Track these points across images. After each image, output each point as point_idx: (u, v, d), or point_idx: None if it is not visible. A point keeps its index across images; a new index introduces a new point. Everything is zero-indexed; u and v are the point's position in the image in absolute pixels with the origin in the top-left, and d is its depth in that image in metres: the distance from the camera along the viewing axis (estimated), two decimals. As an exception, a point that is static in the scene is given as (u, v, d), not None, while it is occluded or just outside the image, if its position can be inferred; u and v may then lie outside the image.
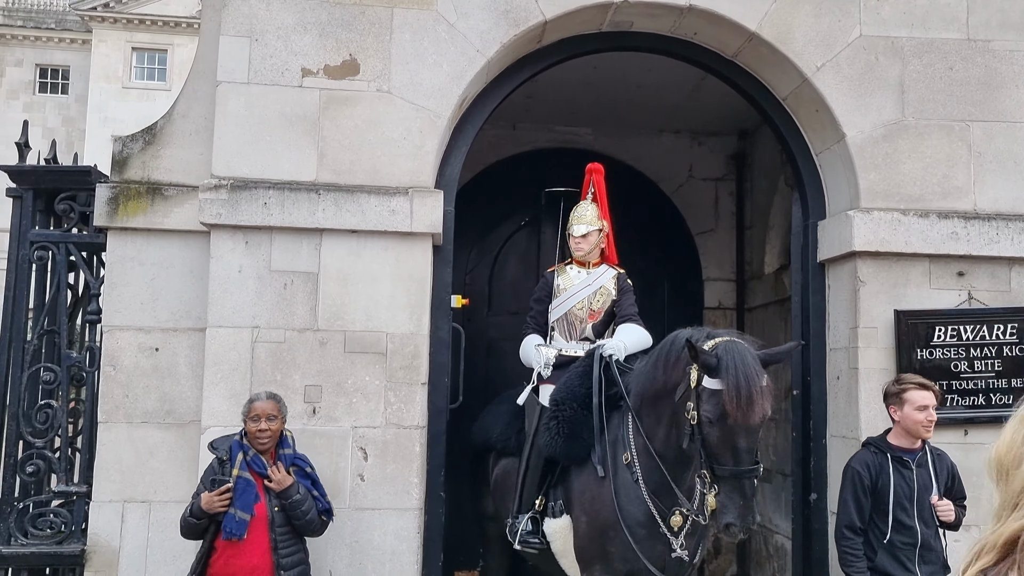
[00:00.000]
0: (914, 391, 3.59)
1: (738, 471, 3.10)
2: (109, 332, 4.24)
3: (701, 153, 7.52)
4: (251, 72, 4.16)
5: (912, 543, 3.53)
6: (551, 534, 3.89)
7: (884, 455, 3.61)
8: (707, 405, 3.13)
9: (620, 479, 3.67)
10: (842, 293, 4.53)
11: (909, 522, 3.53)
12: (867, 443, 3.74)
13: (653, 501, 3.57)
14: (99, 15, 25.77)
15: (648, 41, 4.77)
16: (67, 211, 4.35)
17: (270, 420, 3.54)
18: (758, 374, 3.13)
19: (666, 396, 3.44)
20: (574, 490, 3.85)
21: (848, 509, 3.55)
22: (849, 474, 3.61)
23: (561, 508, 3.90)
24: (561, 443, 3.81)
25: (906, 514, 3.53)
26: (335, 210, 4.12)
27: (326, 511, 3.63)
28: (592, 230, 4.47)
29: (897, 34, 4.53)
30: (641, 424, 3.63)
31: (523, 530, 3.96)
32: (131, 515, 4.18)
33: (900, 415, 3.61)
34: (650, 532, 3.58)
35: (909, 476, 3.57)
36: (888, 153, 4.47)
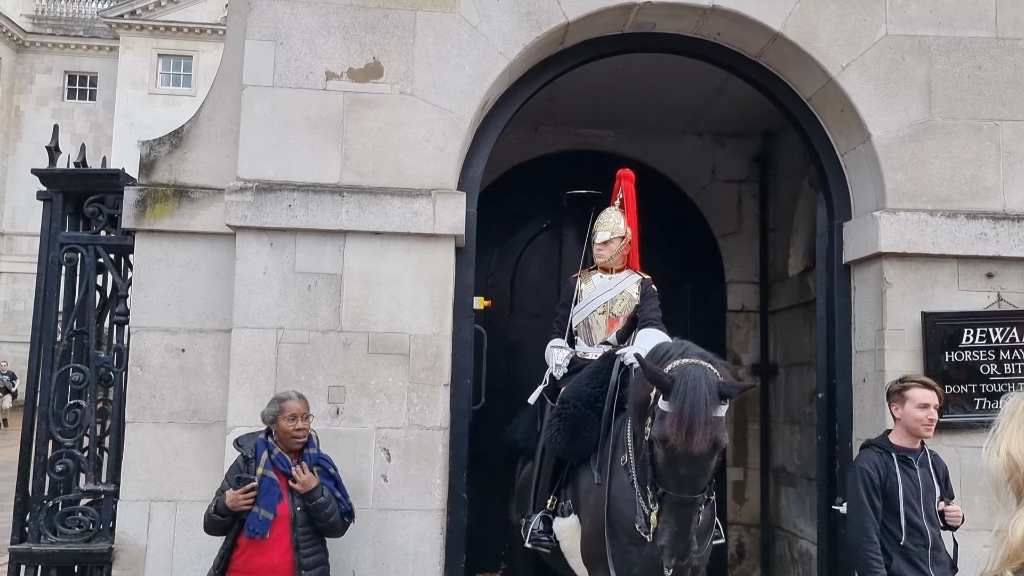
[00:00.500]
0: (916, 389, 3.55)
1: (677, 498, 3.06)
2: (136, 333, 4.29)
3: (724, 155, 7.48)
4: (276, 75, 4.20)
5: (924, 544, 3.48)
6: (560, 533, 3.90)
7: (889, 455, 3.55)
8: (658, 426, 3.08)
9: (617, 481, 3.64)
10: (868, 295, 4.48)
11: (919, 523, 3.48)
12: (869, 444, 3.68)
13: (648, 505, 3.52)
14: (126, 22, 26.14)
15: (671, 42, 4.75)
16: (96, 214, 4.41)
17: (305, 419, 3.58)
18: (708, 403, 3.04)
19: (643, 406, 3.41)
20: (580, 490, 3.86)
21: (864, 511, 3.47)
22: (859, 476, 3.51)
23: (570, 508, 3.91)
24: (561, 440, 3.82)
25: (915, 514, 3.48)
26: (358, 212, 4.15)
27: (348, 512, 3.65)
28: (614, 237, 4.47)
29: (924, 33, 4.48)
30: (635, 428, 3.60)
31: (535, 529, 3.97)
32: (157, 514, 4.23)
33: (901, 413, 3.56)
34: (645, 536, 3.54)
35: (915, 476, 3.53)
36: (915, 153, 4.42)
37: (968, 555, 4.14)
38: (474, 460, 4.60)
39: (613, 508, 3.59)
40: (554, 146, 7.21)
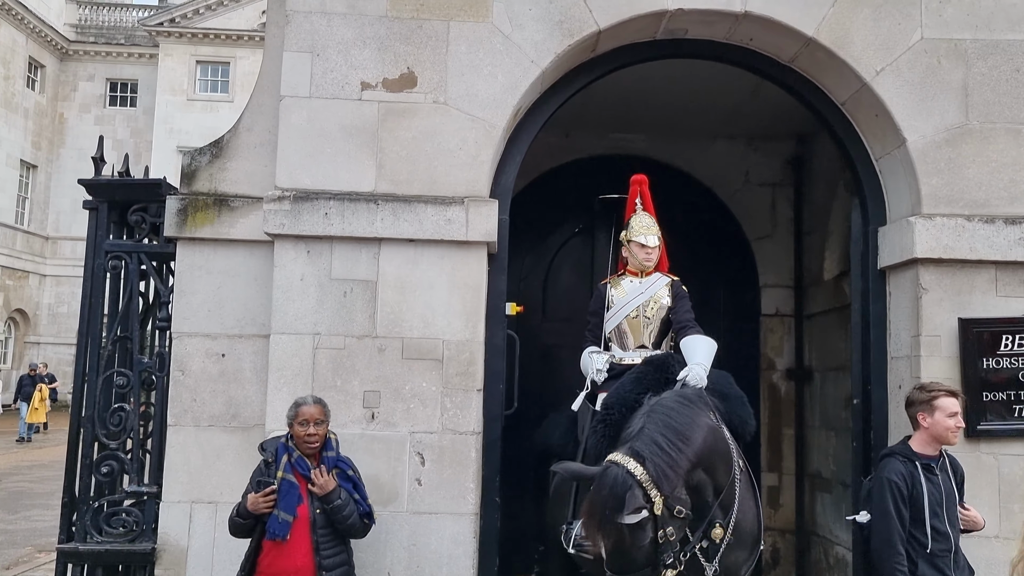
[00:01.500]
0: (944, 398, 3.57)
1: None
2: (178, 338, 4.41)
3: (757, 158, 7.43)
4: (313, 86, 4.29)
5: (948, 549, 3.50)
6: None
7: (913, 464, 3.55)
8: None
9: None
10: (904, 301, 4.45)
11: (943, 528, 3.50)
12: (892, 453, 3.68)
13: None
14: (166, 30, 26.68)
15: (703, 48, 4.75)
16: (139, 222, 4.54)
17: (317, 424, 3.64)
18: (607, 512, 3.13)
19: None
20: None
21: (892, 523, 3.47)
22: (887, 486, 3.51)
23: None
24: (606, 446, 3.82)
25: (940, 521, 3.49)
26: (393, 220, 4.22)
27: (367, 514, 3.70)
28: (659, 241, 4.50)
29: (960, 36, 4.43)
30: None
31: (577, 535, 3.98)
32: (198, 515, 4.34)
33: (930, 422, 3.57)
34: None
35: (937, 483, 3.54)
36: (951, 158, 4.37)
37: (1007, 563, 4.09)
38: (507, 464, 4.65)
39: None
40: (586, 151, 7.22)
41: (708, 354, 4.03)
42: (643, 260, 4.47)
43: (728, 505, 3.55)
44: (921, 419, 3.60)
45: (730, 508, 3.56)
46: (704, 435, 3.45)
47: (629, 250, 4.52)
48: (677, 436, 3.32)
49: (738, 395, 4.01)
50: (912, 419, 3.68)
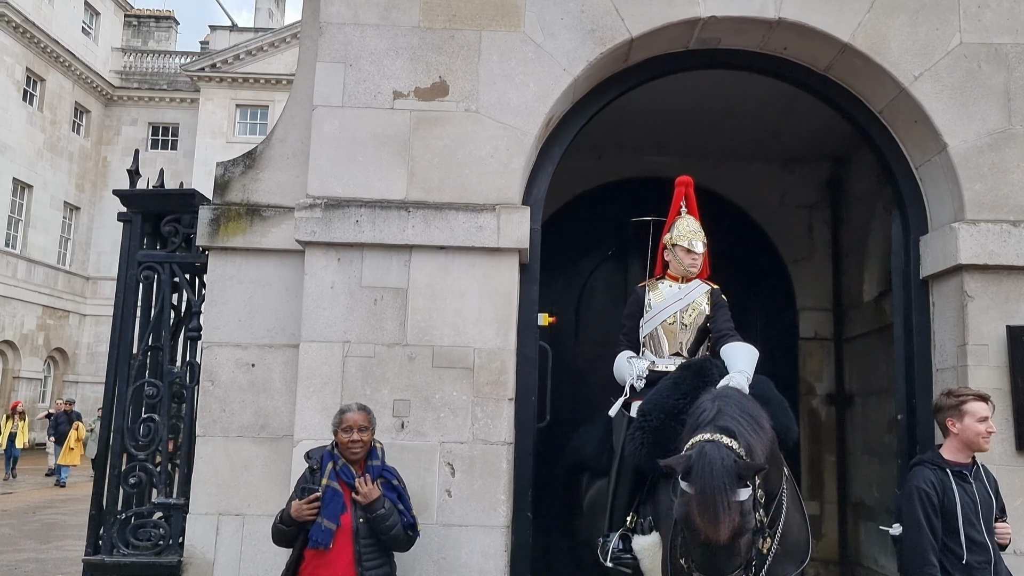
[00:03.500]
0: (974, 402, 3.43)
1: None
2: (208, 348, 4.40)
3: (793, 180, 7.36)
4: (345, 96, 4.32)
5: (987, 560, 3.32)
6: (640, 551, 3.76)
7: (944, 471, 3.40)
8: (678, 506, 2.93)
9: None
10: (948, 310, 4.30)
11: (980, 539, 3.32)
12: (922, 461, 3.52)
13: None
14: (207, 75, 27.43)
15: (736, 58, 4.72)
16: (172, 233, 4.58)
17: (361, 431, 3.57)
18: (726, 487, 2.83)
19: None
20: (662, 504, 3.71)
21: (923, 533, 3.31)
22: (916, 495, 3.36)
23: (651, 524, 3.77)
24: (645, 453, 3.70)
25: (975, 531, 3.32)
26: (424, 227, 4.20)
27: (411, 526, 3.61)
28: (705, 248, 4.39)
29: (1000, 40, 4.35)
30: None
31: (615, 548, 3.84)
32: (225, 528, 4.28)
33: (960, 427, 3.43)
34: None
35: (971, 491, 3.38)
36: (994, 163, 4.26)
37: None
38: (539, 482, 4.53)
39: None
40: (619, 173, 7.20)
41: (751, 362, 3.89)
42: (688, 266, 4.36)
43: (776, 514, 3.39)
44: (951, 425, 3.47)
45: (778, 517, 3.40)
46: (770, 426, 3.28)
47: (673, 254, 4.41)
48: (754, 421, 3.15)
49: (779, 400, 3.86)
50: (941, 426, 3.54)
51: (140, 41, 31.18)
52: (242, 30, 29.96)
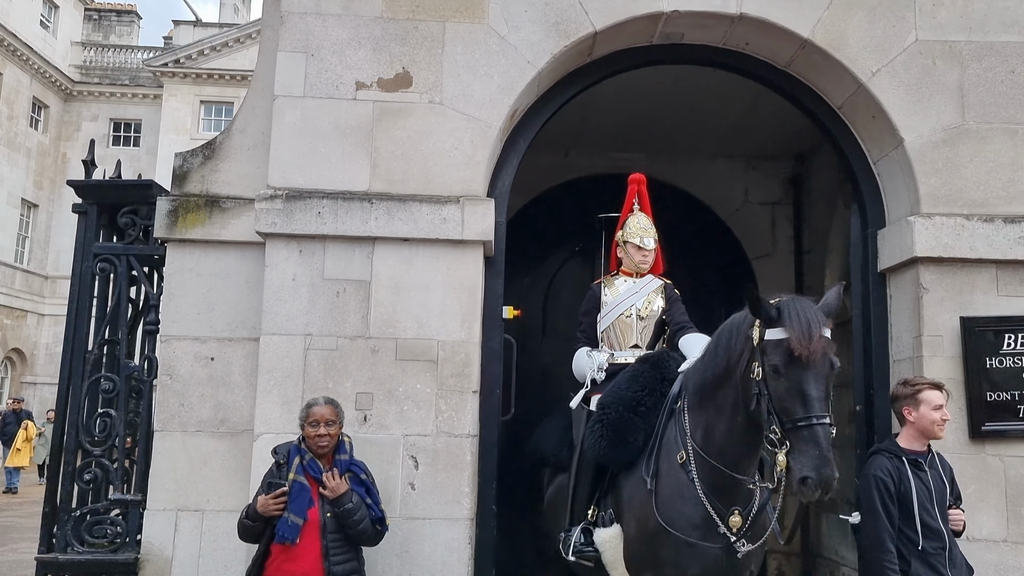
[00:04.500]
0: (929, 391, 3.50)
1: (809, 418, 2.91)
2: (166, 342, 4.33)
3: (756, 177, 7.43)
4: (307, 86, 4.28)
5: (942, 546, 3.39)
6: (601, 544, 3.77)
7: (900, 460, 3.46)
8: (772, 355, 3.01)
9: (672, 480, 3.54)
10: (904, 302, 4.38)
11: (935, 525, 3.39)
12: (879, 450, 3.58)
13: (710, 500, 3.43)
14: (170, 71, 27.01)
15: (700, 53, 4.76)
16: (129, 224, 4.50)
17: (328, 425, 3.54)
18: (822, 322, 3.05)
19: (729, 378, 3.30)
20: (623, 496, 3.73)
21: (880, 520, 3.37)
22: (873, 483, 3.42)
23: (611, 517, 3.79)
24: (605, 446, 3.71)
25: (931, 517, 3.39)
26: (387, 219, 4.17)
27: (379, 520, 3.58)
28: (656, 244, 4.44)
29: (955, 38, 4.44)
30: (699, 420, 3.50)
31: (576, 541, 3.85)
32: (184, 524, 4.21)
33: (915, 416, 3.50)
34: (704, 534, 3.44)
35: (926, 478, 3.45)
36: (949, 158, 4.35)
37: (1016, 568, 3.98)
38: (504, 475, 4.52)
39: (669, 508, 3.48)
40: (585, 170, 7.21)
41: None
42: (639, 262, 4.41)
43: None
44: (907, 413, 3.53)
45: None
46: None
47: (625, 251, 4.46)
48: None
49: None
50: (898, 414, 3.61)
51: (101, 35, 30.57)
52: (207, 25, 29.58)
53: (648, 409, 3.80)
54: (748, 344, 3.16)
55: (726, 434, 3.38)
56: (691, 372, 3.64)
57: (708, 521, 3.43)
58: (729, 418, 3.36)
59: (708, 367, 3.45)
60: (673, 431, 3.63)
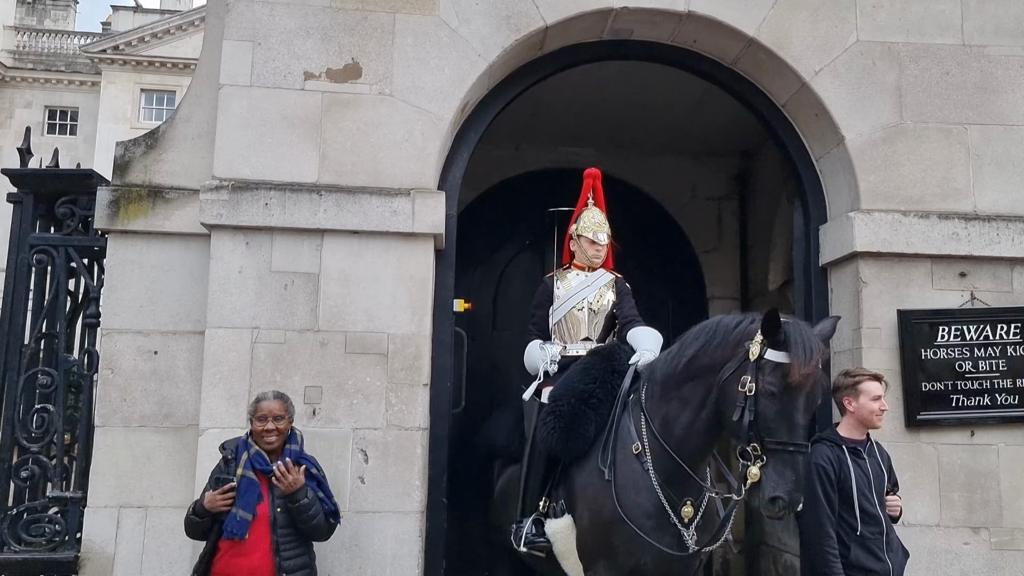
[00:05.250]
0: (868, 382, 3.62)
1: (793, 444, 3.03)
2: (108, 335, 4.22)
3: (704, 173, 7.55)
4: (254, 75, 4.21)
5: (879, 531, 3.52)
6: (552, 535, 3.80)
7: (840, 448, 3.58)
8: (770, 377, 3.09)
9: (627, 470, 3.59)
10: (845, 295, 4.51)
11: (873, 511, 3.52)
12: (820, 439, 3.69)
13: (664, 491, 3.50)
14: (108, 57, 26.22)
15: (648, 50, 4.82)
16: (68, 215, 4.37)
17: (277, 420, 3.49)
18: (820, 350, 3.15)
19: (702, 376, 3.36)
20: (576, 487, 3.76)
21: (821, 506, 3.48)
22: (815, 471, 3.51)
23: (563, 508, 3.82)
24: (557, 438, 3.74)
25: (869, 503, 3.52)
26: (337, 211, 4.13)
27: (333, 513, 3.56)
28: (608, 239, 4.48)
29: (893, 39, 4.58)
30: (659, 411, 3.55)
31: (528, 532, 3.87)
32: (127, 521, 4.12)
33: (855, 406, 3.61)
34: (658, 523, 3.50)
35: (865, 466, 3.57)
36: (887, 155, 4.48)
37: (948, 552, 4.15)
38: (455, 467, 4.53)
39: (624, 497, 3.52)
40: (536, 164, 7.24)
41: (656, 343, 4.02)
42: (592, 256, 4.45)
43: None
44: (847, 403, 3.64)
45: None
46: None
47: (579, 245, 4.49)
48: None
49: None
50: (839, 404, 3.71)
51: (35, 20, 29.48)
52: (147, 11, 28.79)
53: (599, 401, 3.84)
54: (741, 355, 3.20)
55: (687, 427, 3.45)
56: (658, 364, 3.68)
57: (661, 511, 3.49)
58: (693, 412, 3.42)
59: (680, 361, 3.49)
60: (627, 423, 3.68)
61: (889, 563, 3.53)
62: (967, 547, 4.16)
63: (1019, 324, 4.28)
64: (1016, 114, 4.54)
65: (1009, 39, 4.61)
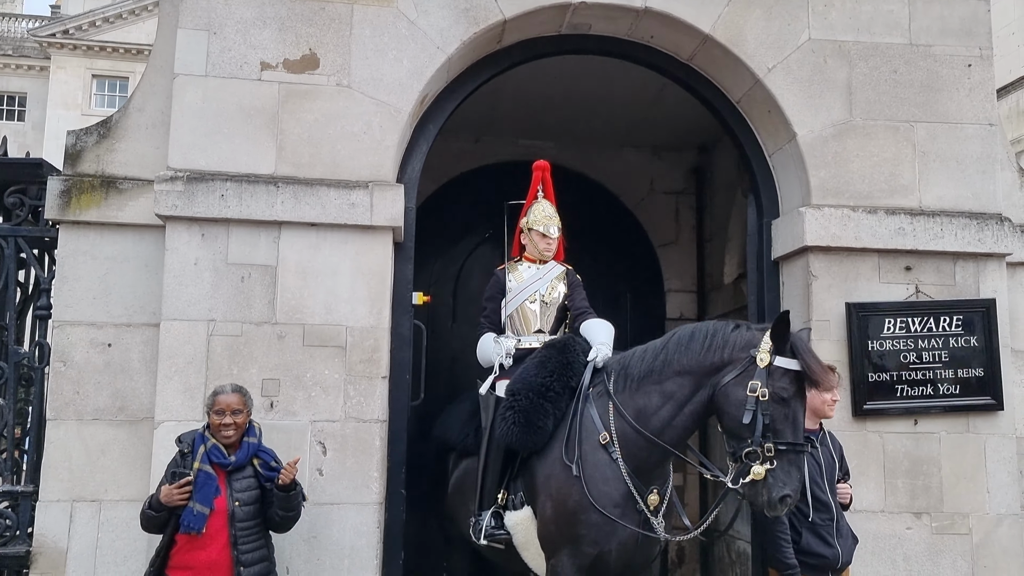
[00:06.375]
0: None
1: (797, 444, 3.27)
2: (60, 327, 4.15)
3: (662, 167, 7.64)
4: (209, 65, 4.16)
5: (830, 518, 3.66)
6: (512, 527, 3.85)
7: None
8: (781, 382, 3.28)
9: (594, 460, 3.65)
10: (796, 289, 4.62)
11: (824, 498, 3.65)
12: None
13: (633, 480, 3.57)
14: (58, 41, 25.54)
15: (606, 44, 4.87)
16: (17, 205, 4.28)
17: (235, 414, 3.47)
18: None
19: (692, 375, 3.50)
20: (538, 478, 3.80)
21: None
22: None
23: (522, 500, 3.86)
24: (517, 432, 3.77)
25: (821, 491, 3.65)
26: (294, 203, 4.11)
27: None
28: (559, 232, 4.51)
29: (844, 38, 4.69)
30: (632, 403, 3.63)
31: (487, 526, 3.91)
32: (80, 515, 4.07)
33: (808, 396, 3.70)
34: (624, 512, 3.58)
35: (817, 455, 3.69)
36: (837, 152, 4.60)
37: (892, 536, 4.30)
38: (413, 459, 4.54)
39: (591, 486, 3.59)
40: (496, 156, 7.25)
41: (609, 336, 4.09)
42: (543, 250, 4.48)
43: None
44: None
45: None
46: None
47: (529, 238, 4.52)
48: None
49: None
50: None
51: (-19, 2, 28.62)
52: (99, -5, 28.02)
53: (557, 394, 3.89)
54: (745, 361, 3.36)
55: (666, 420, 3.56)
56: (632, 359, 3.75)
57: (628, 499, 3.57)
58: (675, 407, 3.55)
59: (667, 358, 3.59)
60: (591, 414, 3.74)
61: (839, 548, 3.66)
62: (909, 532, 4.31)
63: (961, 316, 4.44)
64: (960, 112, 4.68)
65: (954, 39, 4.75)
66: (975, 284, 4.55)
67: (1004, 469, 4.43)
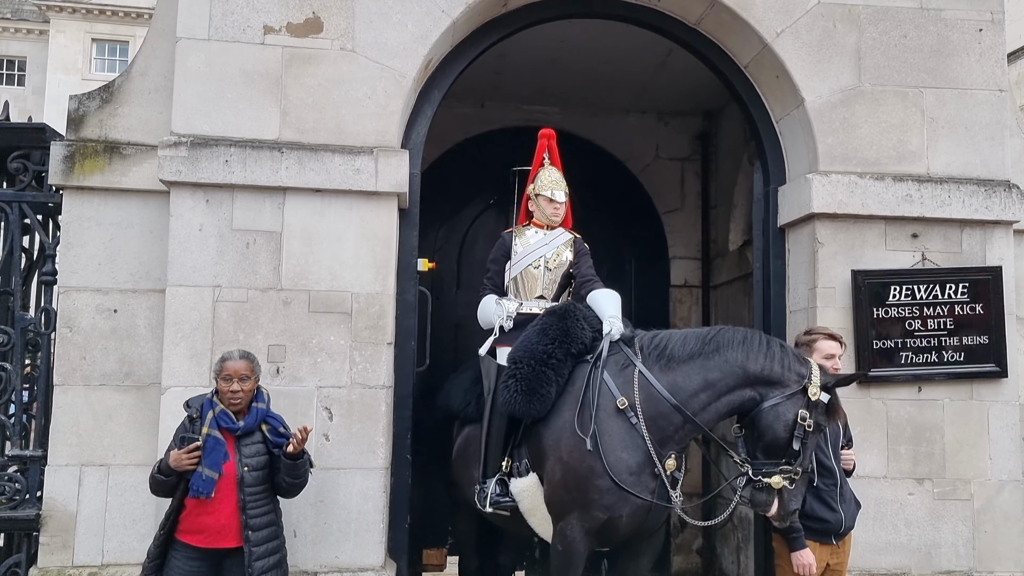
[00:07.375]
0: (824, 340, 3.79)
1: (812, 469, 3.56)
2: (65, 293, 4.16)
3: (667, 133, 7.58)
4: (212, 28, 4.12)
5: (834, 483, 3.71)
6: (518, 494, 3.88)
7: None
8: (822, 417, 3.51)
9: (609, 426, 3.66)
10: (801, 256, 4.61)
11: (829, 464, 3.69)
12: None
13: (653, 445, 3.60)
14: (57, 5, 25.26)
15: (613, 8, 4.80)
16: (20, 170, 4.26)
17: (243, 380, 3.48)
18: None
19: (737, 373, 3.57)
20: (546, 443, 3.82)
21: None
22: None
23: (527, 467, 3.89)
24: (521, 400, 3.78)
25: (825, 456, 3.68)
26: (298, 169, 4.09)
27: None
28: (567, 197, 4.49)
29: (854, 2, 4.61)
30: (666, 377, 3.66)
31: (493, 493, 3.94)
32: (89, 479, 4.11)
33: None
34: (639, 479, 3.60)
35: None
36: (845, 118, 4.55)
37: (894, 502, 4.33)
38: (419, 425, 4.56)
39: (607, 452, 3.62)
40: (500, 122, 7.19)
41: (618, 307, 4.07)
42: (551, 215, 4.46)
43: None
44: None
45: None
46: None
47: (537, 204, 4.50)
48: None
49: None
50: None
51: (-22, -36, 28.22)
52: (98, -43, 27.62)
53: (559, 361, 3.90)
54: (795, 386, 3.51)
55: (704, 403, 3.62)
56: (673, 338, 3.80)
57: (644, 465, 3.60)
58: (714, 395, 3.61)
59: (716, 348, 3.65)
60: (608, 383, 3.74)
61: (842, 513, 3.71)
62: (911, 497, 4.35)
63: (966, 284, 4.43)
64: (969, 78, 4.63)
65: (965, 3, 4.67)
66: (981, 251, 4.53)
67: (1007, 436, 4.45)
